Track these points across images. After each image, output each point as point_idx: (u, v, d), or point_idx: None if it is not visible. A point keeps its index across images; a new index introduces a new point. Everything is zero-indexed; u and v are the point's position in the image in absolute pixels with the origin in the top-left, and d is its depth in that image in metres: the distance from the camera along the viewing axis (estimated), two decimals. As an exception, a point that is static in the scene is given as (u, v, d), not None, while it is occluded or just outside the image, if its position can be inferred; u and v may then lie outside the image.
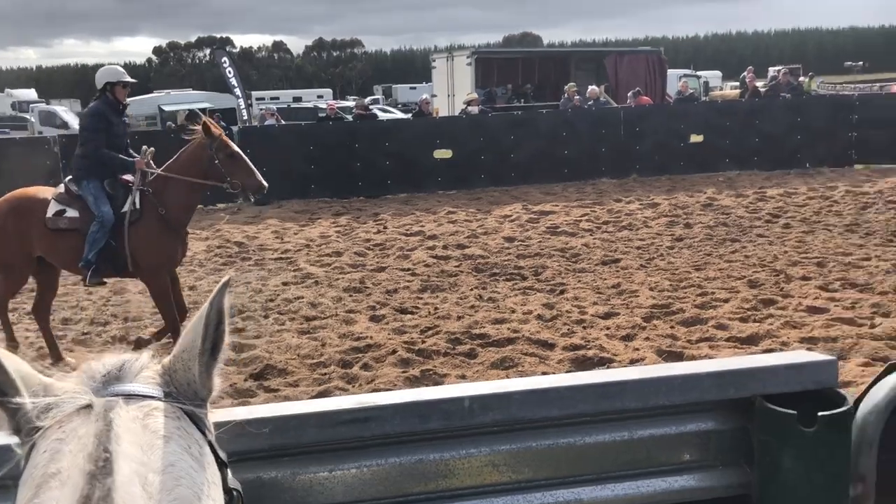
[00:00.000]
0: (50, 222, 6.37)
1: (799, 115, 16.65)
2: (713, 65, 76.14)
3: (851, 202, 12.64)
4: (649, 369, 1.38)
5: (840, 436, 1.31)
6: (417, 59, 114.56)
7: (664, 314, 7.21)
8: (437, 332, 6.90)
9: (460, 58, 23.54)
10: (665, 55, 26.29)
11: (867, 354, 5.90)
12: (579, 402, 1.37)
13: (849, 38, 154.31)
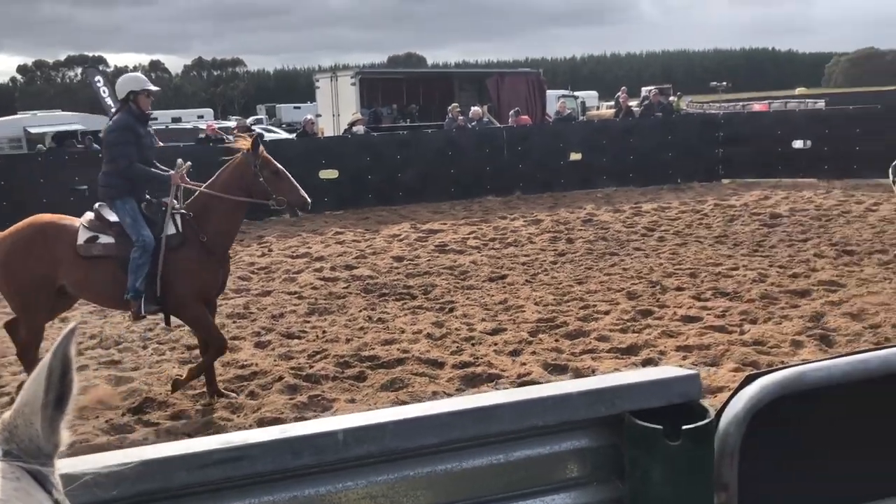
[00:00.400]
0: (83, 249, 5.72)
1: (670, 133, 17.53)
2: (589, 85, 79.16)
3: (720, 215, 13.37)
4: (523, 391, 1.40)
5: (703, 447, 1.36)
6: (301, 78, 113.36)
7: (549, 328, 7.37)
8: (326, 356, 6.79)
9: (344, 78, 23.49)
10: (544, 76, 27.13)
11: (738, 360, 6.23)
12: (455, 428, 1.37)
13: (714, 59, 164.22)
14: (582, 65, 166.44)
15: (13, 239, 5.77)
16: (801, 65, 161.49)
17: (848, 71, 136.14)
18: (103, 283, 5.78)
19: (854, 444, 1.62)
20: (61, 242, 5.73)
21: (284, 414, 5.51)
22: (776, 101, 37.74)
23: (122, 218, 5.76)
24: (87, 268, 5.75)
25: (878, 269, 9.03)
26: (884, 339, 6.55)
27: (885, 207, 13.20)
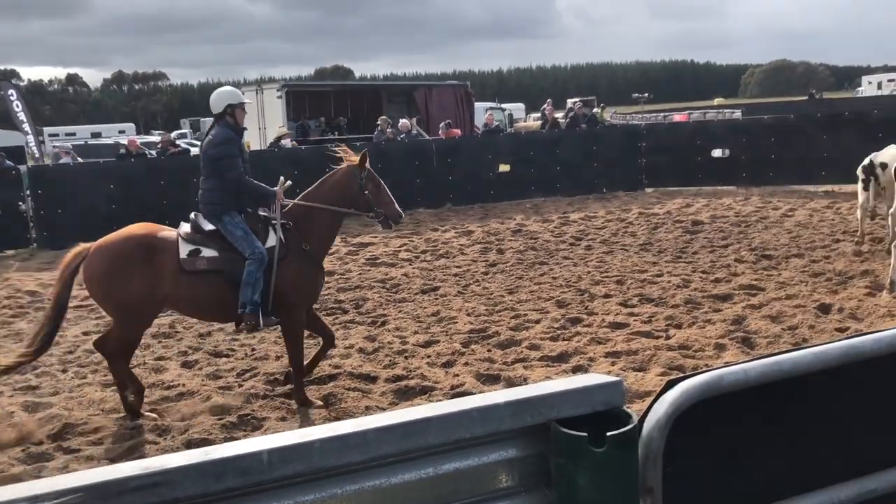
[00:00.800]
0: (187, 263, 5.62)
1: (595, 144, 17.91)
2: (516, 97, 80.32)
3: (644, 223, 13.71)
4: (449, 404, 1.40)
5: (627, 452, 1.39)
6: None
7: (481, 338, 7.41)
8: (256, 374, 6.67)
9: (270, 91, 23.19)
10: (472, 88, 27.37)
11: (664, 365, 6.38)
12: (383, 444, 1.36)
13: (636, 71, 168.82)
14: (509, 77, 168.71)
15: (114, 251, 5.62)
16: (719, 76, 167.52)
17: (762, 82, 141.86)
18: (210, 298, 5.71)
19: (770, 444, 1.68)
20: (164, 256, 5.62)
21: (213, 435, 5.38)
22: (696, 111, 38.99)
23: (232, 232, 5.73)
24: (190, 283, 5.65)
25: (794, 272, 9.39)
26: (801, 339, 6.82)
27: (800, 213, 13.77)
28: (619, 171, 17.84)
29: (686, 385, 1.48)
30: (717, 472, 1.63)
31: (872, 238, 11.08)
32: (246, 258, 5.65)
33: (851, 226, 12.21)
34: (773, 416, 1.68)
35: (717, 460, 1.63)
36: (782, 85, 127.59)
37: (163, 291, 5.63)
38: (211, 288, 5.67)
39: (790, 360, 1.57)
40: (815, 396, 1.71)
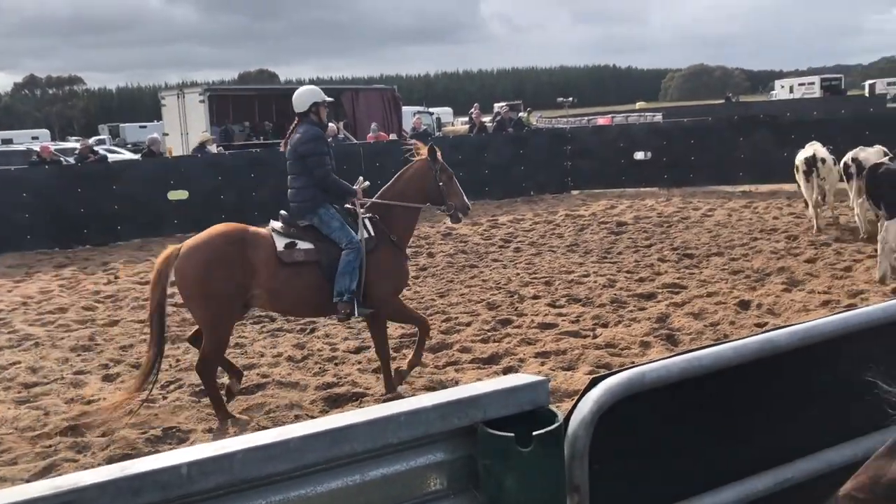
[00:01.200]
0: (284, 255, 5.73)
1: (522, 148, 18.12)
2: (444, 101, 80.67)
3: (571, 225, 13.94)
4: (376, 409, 1.38)
5: (554, 451, 1.39)
6: (146, 96, 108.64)
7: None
8: (180, 386, 6.49)
9: (192, 95, 22.67)
10: (399, 93, 27.34)
11: (592, 363, 6.49)
12: (308, 453, 1.33)
13: (560, 76, 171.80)
14: (436, 81, 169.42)
15: (208, 249, 5.66)
16: (640, 80, 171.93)
17: (682, 86, 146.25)
18: (305, 289, 5.82)
19: (693, 438, 1.72)
20: (260, 250, 5.70)
21: (137, 449, 5.21)
22: (618, 115, 39.90)
23: (328, 223, 5.90)
24: (288, 275, 5.74)
25: (715, 270, 9.69)
26: (723, 335, 7.03)
27: (719, 213, 14.23)
28: (546, 174, 18.09)
29: (609, 383, 1.50)
30: (642, 468, 1.66)
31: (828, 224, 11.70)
32: (342, 248, 5.83)
33: (769, 224, 12.69)
34: (695, 410, 1.72)
35: (643, 456, 1.66)
36: (701, 89, 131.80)
37: (260, 286, 5.70)
38: (308, 280, 5.82)
39: (710, 355, 1.60)
40: (734, 390, 1.76)
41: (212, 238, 5.71)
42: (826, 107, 37.22)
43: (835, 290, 8.29)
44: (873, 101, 46.93)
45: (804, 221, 12.70)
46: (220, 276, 5.58)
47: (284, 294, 5.81)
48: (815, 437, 1.84)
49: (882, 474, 1.33)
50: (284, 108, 27.17)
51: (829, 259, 9.85)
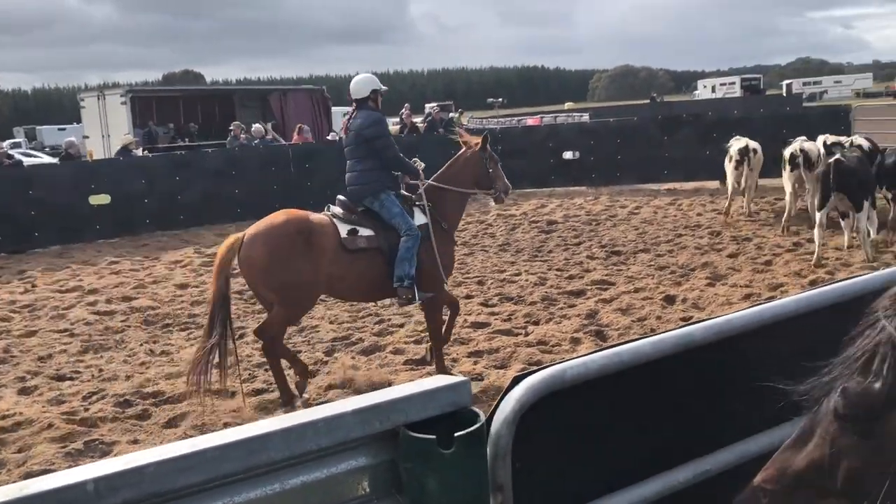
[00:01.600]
0: (348, 242, 5.88)
1: (453, 149, 18.05)
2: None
3: (502, 224, 14.05)
4: (294, 416, 1.34)
5: (476, 451, 1.38)
6: (65, 98, 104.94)
7: (345, 346, 7.33)
8: (103, 397, 6.27)
9: (114, 96, 21.97)
10: (329, 93, 27.09)
11: (524, 361, 6.54)
12: (224, 463, 1.28)
13: (490, 76, 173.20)
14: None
15: (274, 235, 5.73)
16: (569, 81, 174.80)
17: (608, 86, 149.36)
18: (367, 275, 5.95)
19: (616, 433, 1.73)
20: (325, 236, 5.81)
21: (56, 465, 5.01)
22: (547, 115, 40.42)
23: (389, 209, 6.04)
24: (351, 261, 5.87)
25: (642, 266, 9.90)
26: (650, 329, 7.18)
27: (645, 210, 14.55)
28: (477, 174, 18.16)
29: (531, 381, 1.50)
30: (565, 464, 1.66)
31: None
32: (401, 235, 5.98)
33: (692, 221, 13.04)
34: (616, 405, 1.74)
35: (566, 452, 1.67)
36: (627, 89, 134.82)
37: (324, 271, 5.79)
38: (369, 265, 5.96)
39: (629, 350, 1.62)
40: (654, 384, 1.78)
41: (277, 226, 5.79)
42: (746, 106, 38.54)
43: (756, 284, 8.56)
44: (790, 101, 48.79)
45: (725, 217, 13.10)
46: (286, 264, 5.67)
47: (347, 280, 5.96)
48: (733, 428, 1.89)
49: (788, 465, 1.37)
50: (210, 110, 26.73)
51: (751, 254, 10.17)
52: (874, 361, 1.27)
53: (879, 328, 1.29)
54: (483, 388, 5.98)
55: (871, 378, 1.26)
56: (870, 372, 1.27)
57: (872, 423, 1.25)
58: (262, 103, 25.70)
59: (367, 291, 6.24)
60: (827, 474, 1.31)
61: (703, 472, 1.76)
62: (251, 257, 5.71)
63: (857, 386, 1.27)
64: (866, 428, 1.26)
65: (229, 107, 25.89)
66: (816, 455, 1.33)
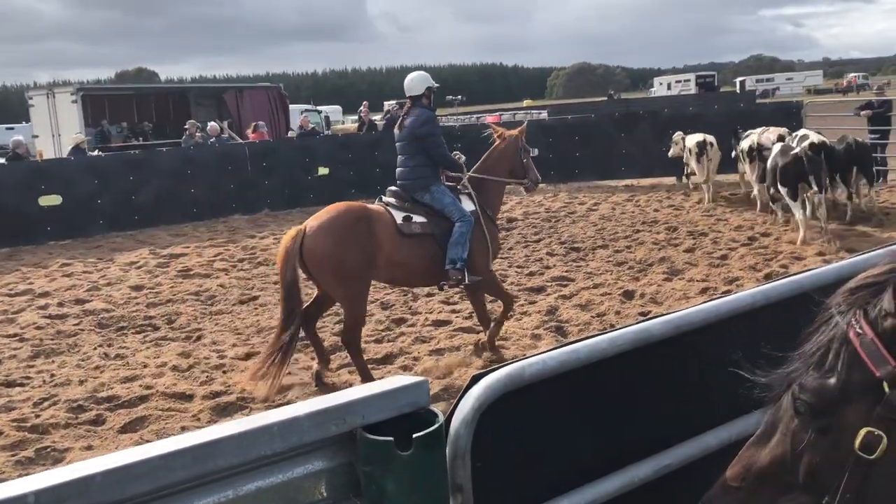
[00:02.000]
0: (404, 228, 6.24)
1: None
2: (333, 100, 79.76)
3: (462, 221, 14.03)
4: (247, 421, 1.31)
5: (435, 452, 1.36)
6: (13, 96, 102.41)
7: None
8: (55, 403, 6.11)
9: (64, 95, 21.47)
10: (285, 90, 26.82)
11: (486, 358, 6.55)
12: (174, 470, 1.24)
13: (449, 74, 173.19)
14: (324, 80, 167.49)
15: (337, 226, 6.01)
16: (527, 78, 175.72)
17: (566, 84, 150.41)
18: (422, 259, 6.30)
19: (575, 430, 1.73)
20: (383, 224, 6.15)
21: (5, 474, 4.87)
22: (506, 112, 40.56)
23: (441, 199, 6.42)
24: (408, 246, 6.23)
25: (601, 262, 9.98)
26: (609, 325, 7.24)
27: (603, 207, 14.68)
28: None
29: (489, 380, 1.48)
30: (526, 462, 1.65)
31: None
32: (455, 221, 6.34)
33: (650, 217, 13.19)
34: (576, 402, 1.73)
35: (526, 450, 1.65)
36: (584, 86, 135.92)
37: (384, 257, 6.11)
38: (424, 250, 6.31)
39: (586, 347, 1.61)
40: (614, 380, 1.78)
41: (339, 216, 6.08)
42: (701, 103, 39.13)
43: (712, 278, 8.69)
44: (744, 97, 49.70)
45: (682, 213, 13.28)
46: (351, 252, 5.96)
47: (404, 264, 6.30)
48: (692, 422, 1.89)
49: (753, 462, 1.39)
50: (165, 108, 26.29)
51: (707, 248, 10.32)
52: (829, 357, 1.28)
53: (833, 324, 1.30)
54: (444, 386, 5.97)
55: (827, 373, 1.28)
56: (825, 367, 1.29)
57: (829, 418, 1.27)
58: (217, 101, 25.35)
59: (419, 275, 6.55)
60: (789, 470, 1.33)
61: (664, 467, 1.76)
62: (316, 248, 5.95)
63: (813, 381, 1.29)
64: (824, 423, 1.28)
65: (184, 105, 25.49)
66: (779, 451, 1.35)
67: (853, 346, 1.26)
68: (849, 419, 1.25)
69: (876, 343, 1.23)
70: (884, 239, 9.95)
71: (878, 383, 1.22)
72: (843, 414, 1.26)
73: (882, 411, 1.21)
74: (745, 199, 13.74)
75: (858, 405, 1.24)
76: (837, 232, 10.53)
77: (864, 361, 1.24)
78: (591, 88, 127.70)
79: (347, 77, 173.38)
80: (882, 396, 1.21)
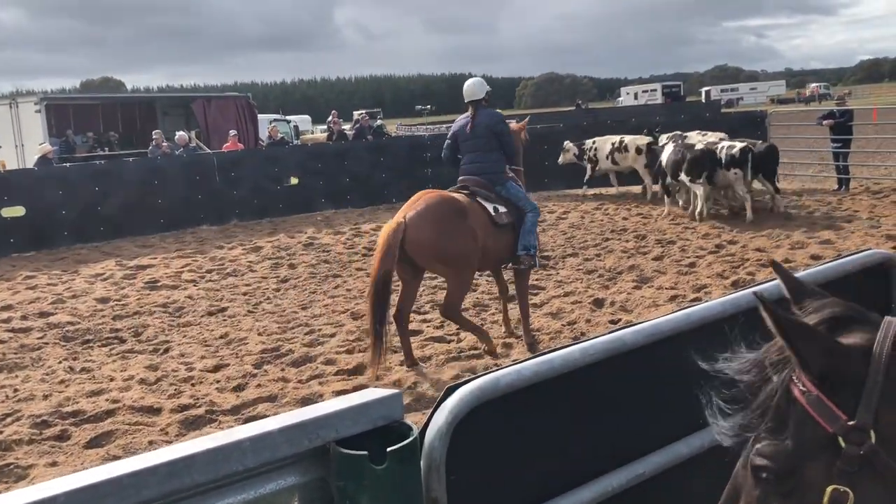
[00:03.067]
0: (497, 218, 6.81)
1: (382, 155, 18.08)
2: (302, 109, 79.39)
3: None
4: (218, 437, 1.28)
5: (409, 466, 1.35)
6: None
7: (274, 357, 7.18)
8: (19, 418, 5.97)
9: (27, 104, 21.11)
10: (254, 100, 26.65)
11: (458, 368, 6.53)
12: (143, 488, 1.22)
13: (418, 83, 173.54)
14: (293, 89, 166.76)
15: (437, 215, 6.46)
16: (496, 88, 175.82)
17: (535, 93, 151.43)
18: (504, 246, 6.93)
19: (550, 440, 1.72)
20: (476, 213, 6.70)
21: (-34, 492, 4.74)
22: (476, 122, 40.63)
23: (516, 192, 7.06)
24: (495, 234, 6.80)
25: (571, 271, 10.03)
26: (580, 333, 7.27)
27: (572, 215, 14.76)
28: (407, 181, 18.05)
29: (463, 391, 1.48)
30: (500, 474, 1.65)
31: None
32: (528, 211, 6.98)
33: (619, 225, 13.30)
34: (550, 413, 1.73)
35: (501, 461, 1.65)
36: (553, 96, 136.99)
37: (481, 243, 6.64)
38: (507, 238, 6.92)
39: (560, 357, 1.61)
40: (587, 389, 1.78)
41: (436, 205, 6.50)
42: (668, 112, 39.66)
43: (681, 286, 8.77)
44: (709, 107, 50.41)
45: (650, 221, 13.41)
46: (454, 237, 6.44)
47: (492, 250, 6.84)
48: (665, 430, 1.90)
49: (740, 482, 1.35)
50: (131, 118, 25.96)
51: (675, 256, 10.43)
52: (776, 417, 1.25)
53: (773, 384, 1.27)
54: (416, 397, 5.94)
55: (779, 435, 1.24)
56: (774, 429, 1.25)
57: (792, 481, 1.23)
58: (185, 111, 25.11)
59: (497, 260, 7.15)
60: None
61: (637, 476, 1.77)
62: (420, 237, 6.34)
63: (769, 446, 1.25)
64: (787, 487, 1.24)
65: (151, 115, 25.21)
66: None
67: (800, 406, 1.22)
68: (811, 478, 1.21)
69: (822, 399, 1.20)
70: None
71: (832, 438, 1.18)
72: (804, 474, 1.22)
73: (842, 466, 1.18)
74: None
75: (818, 463, 1.20)
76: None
77: (813, 419, 1.20)
78: (558, 98, 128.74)
79: (316, 86, 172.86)
80: (839, 451, 1.18)
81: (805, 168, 18.25)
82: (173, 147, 18.03)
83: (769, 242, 10.83)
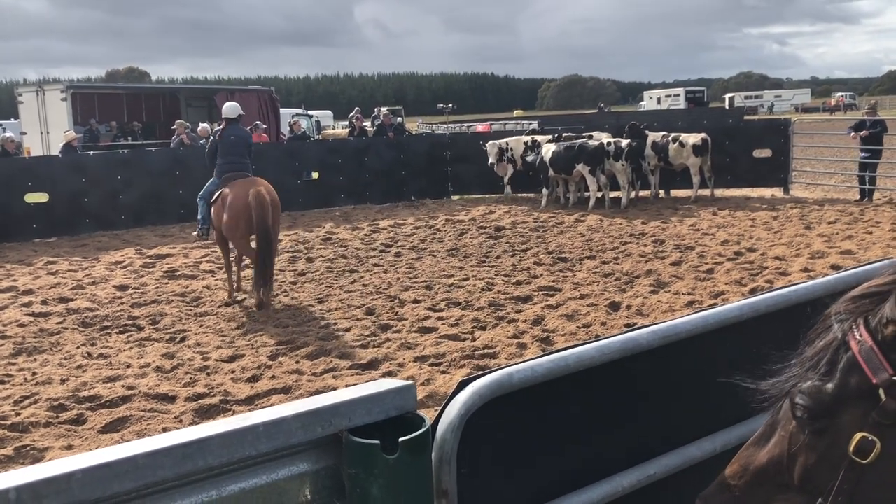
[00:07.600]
0: None
1: (402, 153, 18.11)
2: (324, 105, 79.66)
3: (451, 229, 14.05)
4: (233, 420, 1.30)
5: (421, 457, 1.36)
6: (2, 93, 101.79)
7: (289, 350, 7.22)
8: (36, 401, 6.05)
9: (53, 92, 21.35)
10: (277, 94, 26.77)
11: (470, 366, 6.54)
12: (158, 469, 1.23)
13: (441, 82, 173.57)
14: (316, 84, 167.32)
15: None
16: (518, 89, 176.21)
17: (557, 95, 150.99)
18: None
19: (561, 438, 1.73)
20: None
21: (-17, 472, 4.80)
22: (497, 122, 40.62)
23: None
24: None
25: (588, 273, 10.00)
26: (595, 335, 7.25)
27: (591, 218, 14.71)
28: (427, 179, 18.16)
29: (477, 385, 1.48)
30: (511, 470, 1.65)
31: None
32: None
33: (637, 229, 13.24)
34: (562, 410, 1.73)
35: (511, 457, 1.65)
36: (575, 98, 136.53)
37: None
38: None
39: (575, 355, 1.62)
40: (600, 389, 1.78)
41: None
42: (690, 118, 39.37)
43: (698, 292, 8.72)
44: (732, 113, 50.04)
45: (669, 226, 13.34)
46: None
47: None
48: (677, 433, 1.90)
49: (751, 462, 1.42)
50: (155, 108, 26.18)
51: (693, 262, 10.37)
52: (827, 362, 1.32)
53: (833, 331, 1.34)
54: (429, 393, 5.96)
55: (824, 378, 1.31)
56: (823, 372, 1.32)
57: (825, 421, 1.30)
58: (208, 103, 25.27)
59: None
60: (786, 470, 1.36)
61: (648, 477, 1.76)
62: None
63: (811, 386, 1.32)
64: (820, 426, 1.31)
65: (175, 106, 25.40)
66: (776, 452, 1.39)
67: (852, 353, 1.29)
68: (844, 423, 1.28)
69: (874, 351, 1.26)
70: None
71: (874, 390, 1.25)
72: (838, 418, 1.29)
73: (877, 417, 1.24)
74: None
75: (854, 410, 1.28)
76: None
77: (861, 368, 1.27)
78: (581, 100, 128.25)
79: (339, 82, 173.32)
80: (877, 403, 1.24)
81: (828, 178, 18.08)
82: (195, 138, 18.14)
83: (789, 251, 10.75)
